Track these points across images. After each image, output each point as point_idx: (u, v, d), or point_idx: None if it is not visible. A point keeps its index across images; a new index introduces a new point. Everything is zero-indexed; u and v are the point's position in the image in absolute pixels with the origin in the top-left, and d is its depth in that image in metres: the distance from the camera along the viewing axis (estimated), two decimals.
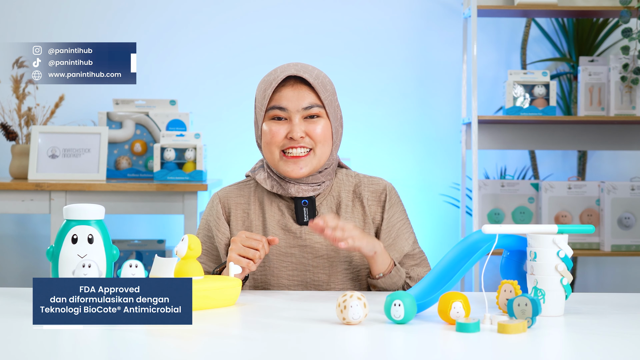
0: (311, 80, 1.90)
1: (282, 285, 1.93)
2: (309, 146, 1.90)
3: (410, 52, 3.86)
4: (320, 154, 1.91)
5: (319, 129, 1.90)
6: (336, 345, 1.38)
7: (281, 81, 1.91)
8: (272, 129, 1.91)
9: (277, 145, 1.90)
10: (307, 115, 1.90)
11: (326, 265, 1.92)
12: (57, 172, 3.31)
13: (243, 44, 3.82)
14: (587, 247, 3.50)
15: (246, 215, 1.97)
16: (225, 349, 1.36)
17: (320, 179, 1.94)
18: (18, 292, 1.77)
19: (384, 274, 1.87)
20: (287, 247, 1.93)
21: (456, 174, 3.85)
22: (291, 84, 1.91)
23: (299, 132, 1.88)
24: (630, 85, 3.41)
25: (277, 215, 1.95)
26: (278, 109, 1.90)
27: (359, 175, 2.01)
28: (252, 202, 1.97)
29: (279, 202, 1.96)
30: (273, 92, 1.91)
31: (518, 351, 1.35)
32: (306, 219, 1.93)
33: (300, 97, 1.90)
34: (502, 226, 1.61)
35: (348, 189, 1.98)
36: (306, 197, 1.93)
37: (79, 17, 3.79)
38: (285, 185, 1.93)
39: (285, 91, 1.90)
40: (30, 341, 1.37)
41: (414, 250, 1.99)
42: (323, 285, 1.92)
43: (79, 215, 1.64)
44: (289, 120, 1.90)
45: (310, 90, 1.91)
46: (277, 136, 1.90)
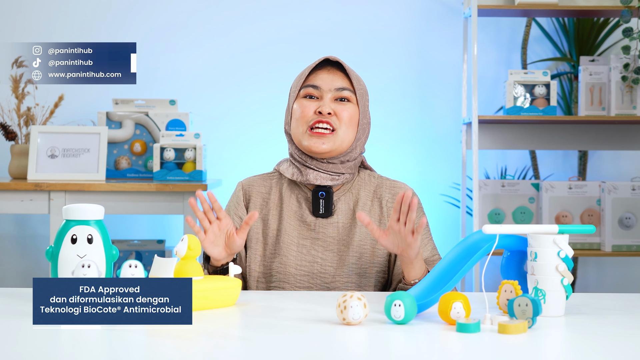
0: (346, 67, 1.97)
1: (289, 274, 1.94)
2: (334, 126, 1.94)
3: (411, 51, 3.86)
4: (342, 135, 1.95)
5: (347, 111, 1.96)
6: (336, 346, 1.37)
7: (319, 66, 1.99)
8: (302, 104, 1.97)
9: (306, 119, 1.96)
10: (338, 97, 1.96)
11: (335, 259, 1.95)
12: (56, 172, 3.30)
13: (243, 44, 3.82)
14: (587, 247, 3.49)
15: (265, 204, 2.01)
16: (225, 349, 1.35)
17: (340, 169, 1.97)
18: (18, 293, 1.77)
19: (419, 279, 1.85)
20: (299, 237, 1.96)
21: (456, 174, 3.85)
22: (327, 69, 1.99)
23: (327, 108, 1.94)
24: (631, 85, 3.41)
25: (295, 206, 1.99)
26: (311, 87, 1.97)
27: (381, 178, 2.04)
28: (273, 192, 2.02)
29: (297, 194, 2.00)
30: (309, 74, 1.98)
31: (518, 351, 1.34)
32: (322, 210, 1.97)
33: (334, 79, 1.97)
34: (503, 226, 1.61)
35: (369, 189, 2.02)
36: (323, 190, 1.96)
37: (79, 17, 3.79)
38: (305, 171, 1.97)
39: (320, 73, 1.99)
40: (30, 341, 1.37)
41: (433, 256, 1.99)
42: (328, 278, 1.94)
43: (79, 216, 1.64)
44: (320, 99, 1.96)
45: (345, 77, 1.98)
46: (307, 111, 1.96)
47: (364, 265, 1.95)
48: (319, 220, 1.97)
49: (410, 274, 1.84)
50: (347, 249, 1.94)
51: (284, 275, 1.94)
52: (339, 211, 1.97)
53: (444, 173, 3.85)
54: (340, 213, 1.97)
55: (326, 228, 1.96)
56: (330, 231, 1.96)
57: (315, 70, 1.99)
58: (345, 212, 1.97)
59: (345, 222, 1.96)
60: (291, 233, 1.96)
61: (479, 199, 3.46)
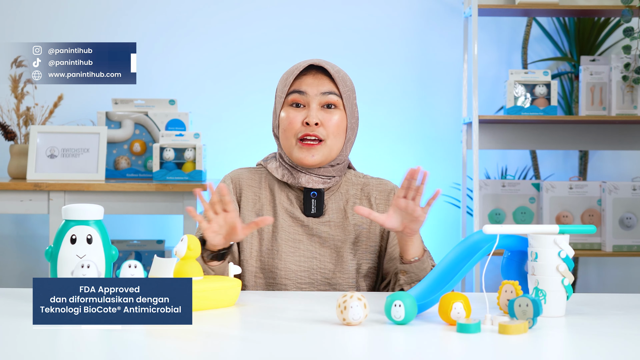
0: (331, 71, 1.96)
1: (289, 270, 1.95)
2: (322, 137, 1.94)
3: (411, 51, 3.86)
4: (331, 145, 1.96)
5: (334, 119, 1.95)
6: (336, 346, 1.37)
7: (303, 71, 1.97)
8: (289, 115, 1.96)
9: (294, 132, 1.95)
10: (324, 102, 1.96)
11: (333, 255, 1.96)
12: (55, 172, 3.30)
13: (243, 44, 3.82)
14: (588, 247, 3.49)
15: (257, 199, 2.01)
16: (225, 349, 1.35)
17: (331, 172, 1.98)
18: (17, 293, 1.77)
19: (418, 258, 1.88)
20: (295, 234, 1.97)
21: (457, 174, 3.84)
22: (312, 73, 1.97)
23: (314, 118, 1.93)
24: (631, 84, 3.41)
25: (286, 204, 1.99)
26: (297, 92, 1.95)
27: (366, 177, 2.06)
28: (263, 187, 2.02)
29: (288, 192, 2.00)
30: (294, 79, 1.97)
31: (519, 352, 1.34)
32: (313, 210, 1.97)
33: (320, 84, 1.96)
34: (503, 226, 1.61)
35: (356, 188, 2.03)
36: (315, 190, 1.97)
37: (79, 17, 3.79)
38: (297, 174, 1.97)
39: (305, 78, 1.97)
40: (30, 341, 1.36)
41: None
42: (329, 274, 1.95)
43: (78, 216, 1.63)
44: (307, 106, 1.95)
45: (330, 81, 1.97)
46: (294, 122, 1.95)
47: (360, 259, 1.96)
48: (310, 219, 1.98)
49: (410, 251, 1.87)
50: (343, 244, 1.96)
51: (285, 272, 1.94)
52: (330, 210, 1.98)
53: (444, 173, 3.85)
54: (331, 212, 1.98)
55: (320, 225, 1.97)
56: (325, 228, 1.97)
57: (300, 75, 1.97)
58: (336, 211, 1.99)
59: (337, 221, 1.98)
60: (287, 229, 1.96)
61: (480, 199, 3.46)
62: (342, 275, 1.95)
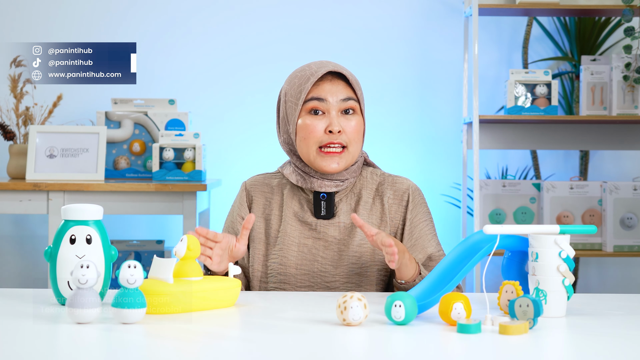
0: (349, 77, 1.94)
1: (289, 274, 1.95)
2: (345, 143, 1.94)
3: (411, 51, 3.85)
4: (353, 151, 1.95)
5: (353, 124, 1.94)
6: (336, 347, 1.37)
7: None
8: (310, 123, 1.94)
9: (316, 140, 1.93)
10: (344, 108, 1.94)
11: (335, 258, 1.95)
12: (55, 172, 3.30)
13: (242, 44, 3.81)
14: (589, 247, 3.48)
15: (267, 204, 2.02)
16: (224, 350, 1.35)
17: (344, 175, 1.98)
18: (17, 293, 1.77)
19: (406, 282, 1.85)
20: (301, 237, 1.96)
21: (457, 174, 3.84)
22: (329, 79, 1.95)
23: (337, 126, 1.92)
24: (632, 84, 3.40)
25: (296, 208, 1.99)
26: (317, 100, 1.93)
27: (384, 174, 2.04)
28: (276, 192, 2.02)
29: (300, 196, 2.00)
30: (311, 86, 1.94)
31: (519, 352, 1.34)
32: (323, 212, 1.97)
33: (338, 90, 1.94)
34: (504, 226, 1.61)
35: (371, 187, 2.01)
36: (325, 192, 1.97)
37: (79, 17, 3.78)
38: (310, 179, 1.97)
39: (323, 84, 1.94)
40: (30, 341, 1.36)
41: (438, 252, 1.99)
42: (328, 277, 1.94)
43: (77, 216, 1.63)
44: (326, 113, 1.94)
45: (347, 86, 1.95)
46: (316, 131, 1.93)
47: (365, 264, 1.94)
48: (320, 220, 1.97)
49: (398, 275, 1.84)
50: (347, 249, 1.95)
51: (284, 276, 1.94)
52: (341, 212, 1.97)
53: (444, 173, 3.85)
54: (342, 214, 1.97)
55: (327, 228, 1.96)
56: (332, 231, 1.96)
57: (317, 82, 1.95)
58: (347, 212, 1.97)
59: (347, 223, 1.96)
60: (292, 233, 1.96)
61: (480, 199, 3.46)
62: (342, 279, 1.94)
